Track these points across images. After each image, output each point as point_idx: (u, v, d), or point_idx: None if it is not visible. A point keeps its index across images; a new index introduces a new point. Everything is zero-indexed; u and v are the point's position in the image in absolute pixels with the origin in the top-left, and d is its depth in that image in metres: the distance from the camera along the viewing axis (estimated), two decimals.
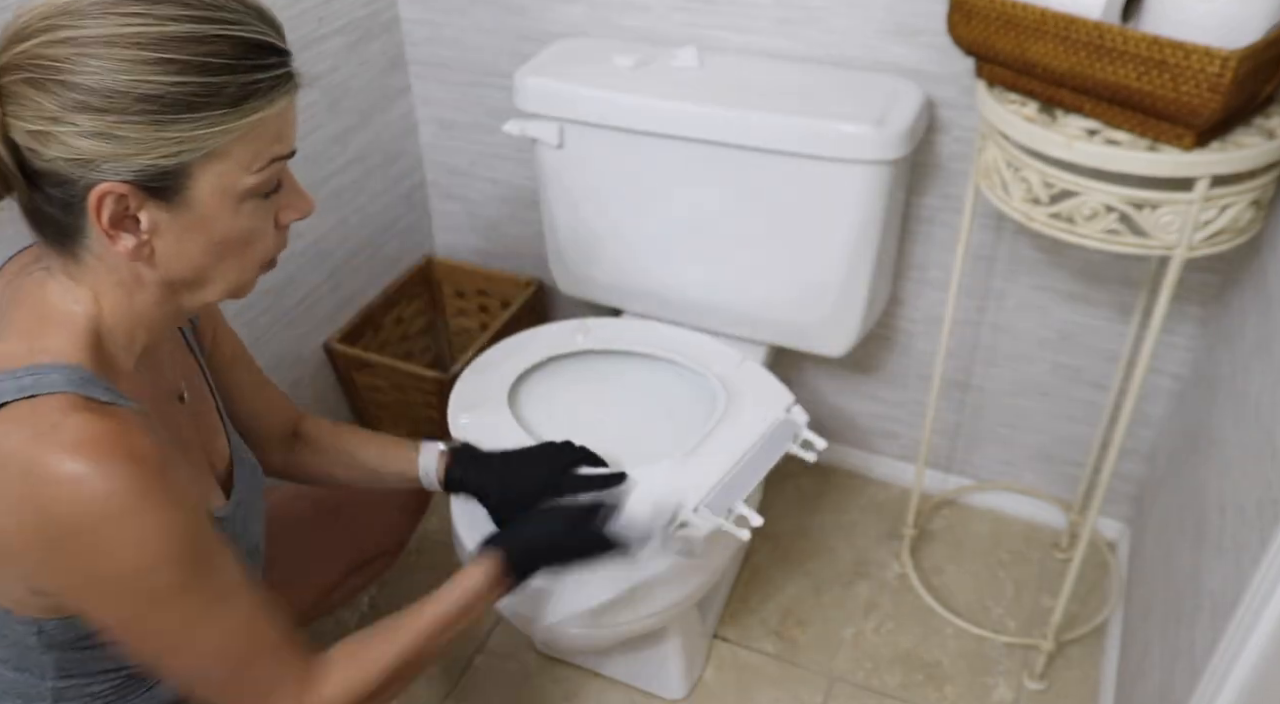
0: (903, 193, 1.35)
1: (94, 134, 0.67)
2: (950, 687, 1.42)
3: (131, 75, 0.67)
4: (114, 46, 0.67)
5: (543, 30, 1.51)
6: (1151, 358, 1.12)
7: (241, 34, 0.70)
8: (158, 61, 0.67)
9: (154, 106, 0.67)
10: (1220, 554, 0.96)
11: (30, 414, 0.70)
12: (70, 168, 0.68)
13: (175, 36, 0.68)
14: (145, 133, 0.68)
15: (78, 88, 0.66)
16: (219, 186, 0.73)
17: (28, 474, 0.68)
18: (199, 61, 0.68)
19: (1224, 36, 0.92)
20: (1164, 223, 1.01)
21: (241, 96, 0.70)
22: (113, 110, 0.67)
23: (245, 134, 0.72)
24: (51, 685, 0.82)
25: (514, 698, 1.43)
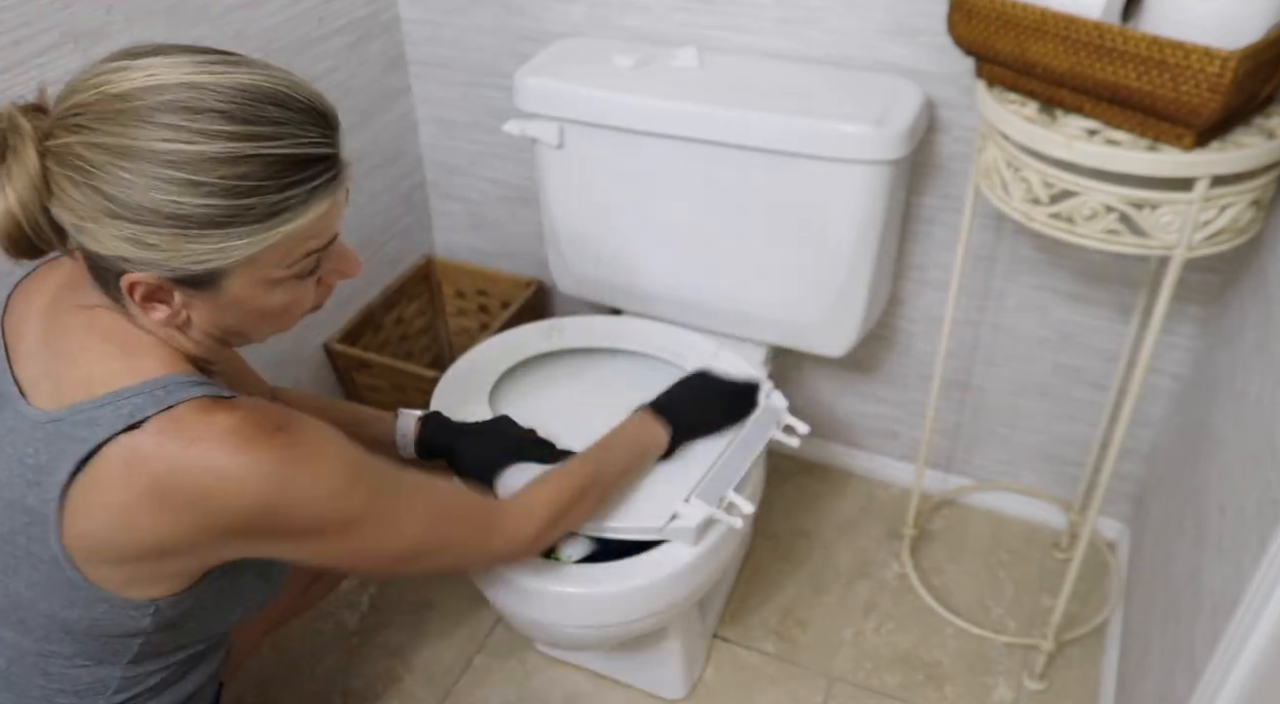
0: (903, 193, 1.35)
1: (124, 238, 0.70)
2: (950, 687, 1.42)
3: (161, 194, 0.69)
4: (147, 162, 0.68)
5: (543, 30, 1.51)
6: (1151, 358, 1.13)
7: (279, 151, 0.71)
8: (188, 183, 0.69)
9: (182, 224, 0.70)
10: (1220, 554, 0.96)
11: (176, 424, 0.75)
12: (105, 256, 0.72)
13: (208, 157, 0.69)
14: (173, 243, 0.71)
15: (110, 197, 0.69)
16: (250, 280, 0.76)
17: (201, 475, 0.73)
18: (228, 185, 0.70)
19: (1224, 36, 0.92)
20: (1164, 223, 1.01)
21: (270, 214, 0.72)
22: (142, 222, 0.70)
23: (277, 243, 0.74)
24: (120, 675, 0.86)
25: (514, 698, 1.43)
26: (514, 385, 1.34)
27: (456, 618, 1.53)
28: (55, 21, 1.10)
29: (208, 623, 0.88)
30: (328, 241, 0.79)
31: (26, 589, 0.80)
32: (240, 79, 0.71)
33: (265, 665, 1.47)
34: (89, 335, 0.78)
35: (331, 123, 0.75)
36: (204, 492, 0.74)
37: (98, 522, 0.75)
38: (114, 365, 0.77)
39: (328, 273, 0.82)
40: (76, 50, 1.13)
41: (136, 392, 0.75)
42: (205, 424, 0.74)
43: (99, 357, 0.78)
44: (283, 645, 1.49)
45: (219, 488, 0.74)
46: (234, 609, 0.90)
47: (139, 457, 0.73)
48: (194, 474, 0.73)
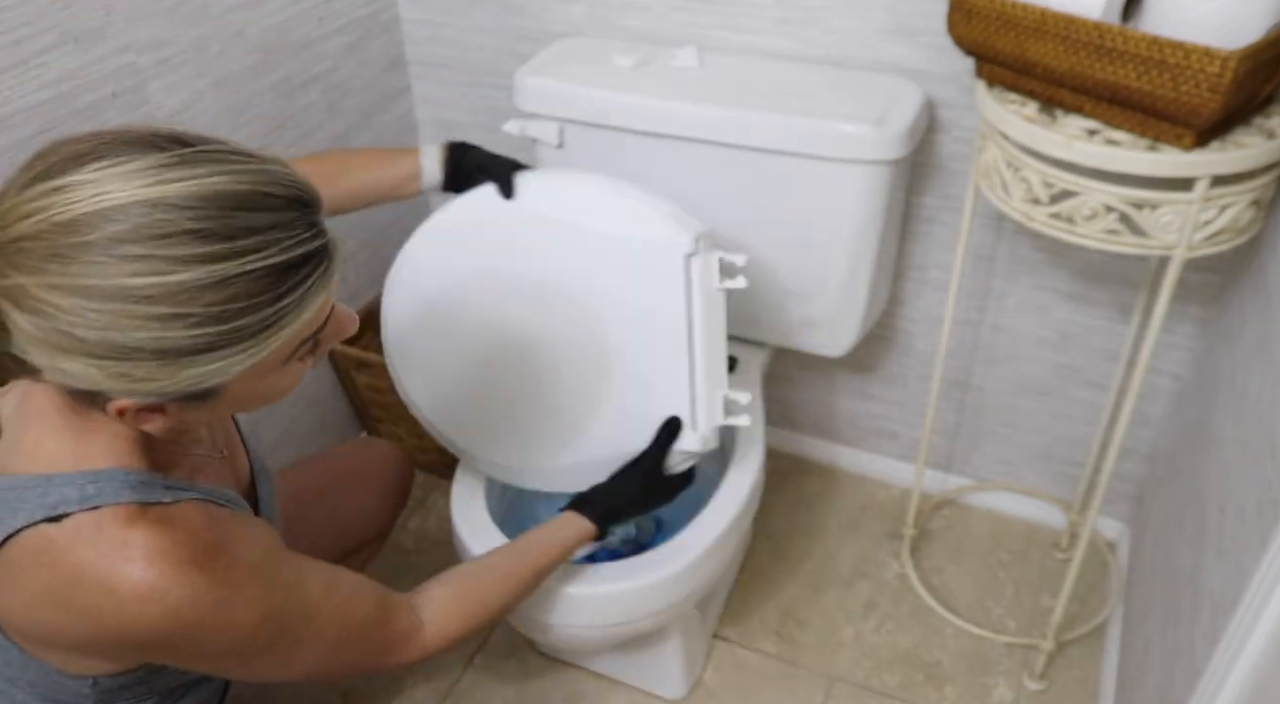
0: (903, 193, 1.35)
1: (109, 376, 0.63)
2: (950, 687, 1.42)
3: (144, 332, 0.61)
4: (120, 301, 0.59)
5: (543, 30, 1.51)
6: (1151, 358, 1.12)
7: (266, 263, 0.62)
8: (172, 317, 0.60)
9: (171, 356, 0.62)
10: (1220, 554, 0.96)
11: (95, 530, 0.69)
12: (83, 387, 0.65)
13: (187, 286, 0.60)
14: (164, 372, 0.63)
15: (84, 341, 0.60)
16: (252, 381, 0.69)
17: (105, 594, 0.69)
18: (216, 311, 0.61)
19: (1224, 36, 0.92)
20: (1164, 223, 1.01)
21: (268, 324, 0.65)
22: (129, 359, 0.62)
23: (277, 346, 0.67)
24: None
25: (514, 698, 1.43)
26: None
27: None
28: (55, 21, 1.10)
29: (170, 678, 0.85)
30: (324, 323, 0.72)
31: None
32: (205, 187, 0.61)
33: None
34: (53, 403, 0.72)
35: (314, 208, 0.67)
36: (104, 610, 0.69)
37: (12, 601, 0.72)
38: (62, 444, 0.72)
39: (324, 341, 0.75)
40: (76, 50, 1.13)
41: (69, 482, 0.70)
42: (121, 540, 0.69)
43: (50, 430, 0.72)
44: None
45: (117, 610, 0.69)
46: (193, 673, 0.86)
47: (51, 554, 0.69)
48: (96, 590, 0.69)
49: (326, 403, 1.70)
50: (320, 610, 0.83)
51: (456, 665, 1.47)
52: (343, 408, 1.75)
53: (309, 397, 1.65)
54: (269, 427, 1.57)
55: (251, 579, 0.75)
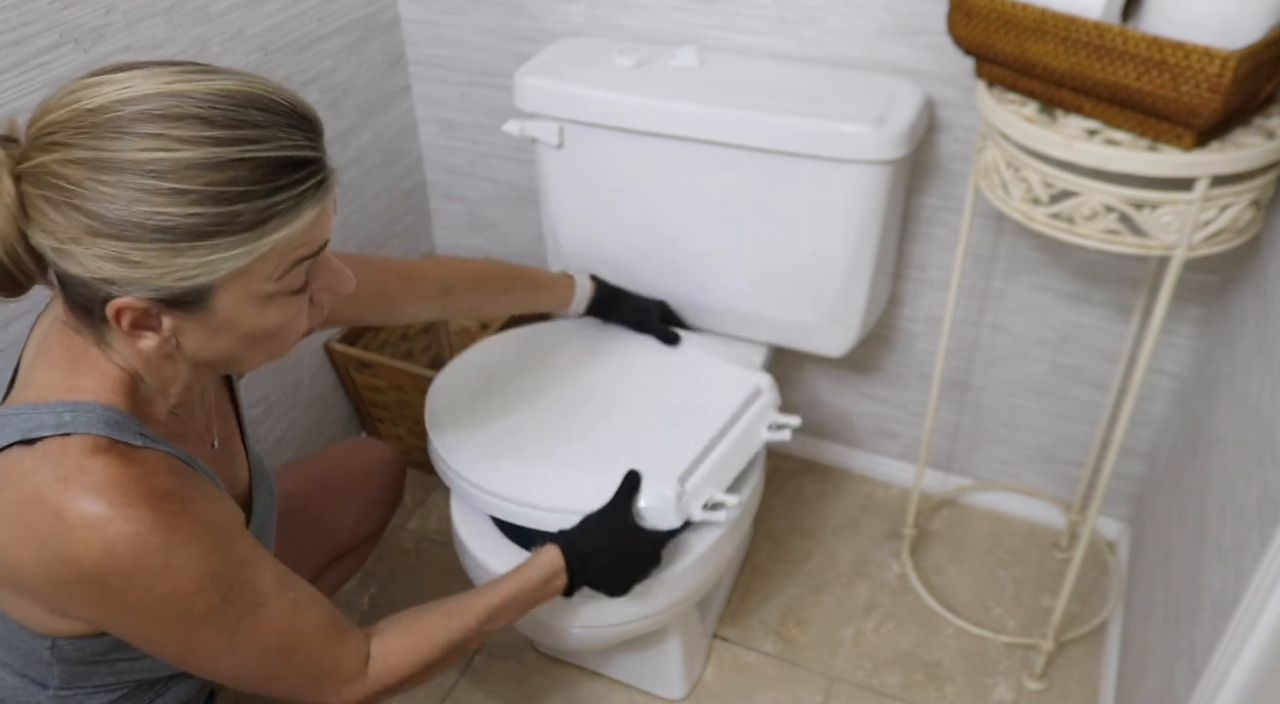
0: (903, 193, 1.35)
1: (107, 258, 0.67)
2: (950, 687, 1.42)
3: (145, 205, 0.65)
4: (127, 173, 0.65)
5: (543, 30, 1.51)
6: (1151, 358, 1.13)
7: (265, 154, 0.68)
8: (172, 192, 0.65)
9: (167, 236, 0.66)
10: (1220, 554, 0.96)
11: (59, 453, 0.71)
12: (89, 280, 0.69)
13: (192, 164, 0.65)
14: (160, 259, 0.67)
15: (91, 214, 0.65)
16: (241, 296, 0.72)
17: (56, 515, 0.69)
18: (216, 191, 0.66)
19: (1224, 36, 0.92)
20: (1164, 223, 1.01)
21: (259, 220, 0.68)
22: (126, 238, 0.66)
23: (266, 252, 0.70)
24: (52, 695, 0.83)
25: (514, 698, 1.43)
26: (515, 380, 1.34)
27: None
28: (55, 22, 1.10)
29: (138, 668, 0.84)
30: (317, 249, 0.75)
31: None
32: (219, 85, 0.68)
33: None
34: (58, 346, 0.77)
35: (316, 127, 0.73)
36: (50, 533, 0.70)
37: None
38: (57, 377, 0.75)
39: (318, 291, 0.79)
40: (76, 50, 1.13)
41: (50, 410, 0.73)
42: (79, 465, 0.70)
43: (51, 365, 0.76)
44: None
45: (62, 535, 0.69)
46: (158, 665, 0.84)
47: (17, 474, 0.71)
48: (46, 510, 0.70)
49: (327, 403, 1.70)
50: (268, 601, 0.80)
51: (456, 666, 1.47)
52: (343, 408, 1.75)
53: (309, 396, 1.65)
54: (269, 426, 1.57)
55: (201, 534, 0.74)
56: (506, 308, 1.28)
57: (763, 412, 1.25)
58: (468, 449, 1.18)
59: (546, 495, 1.12)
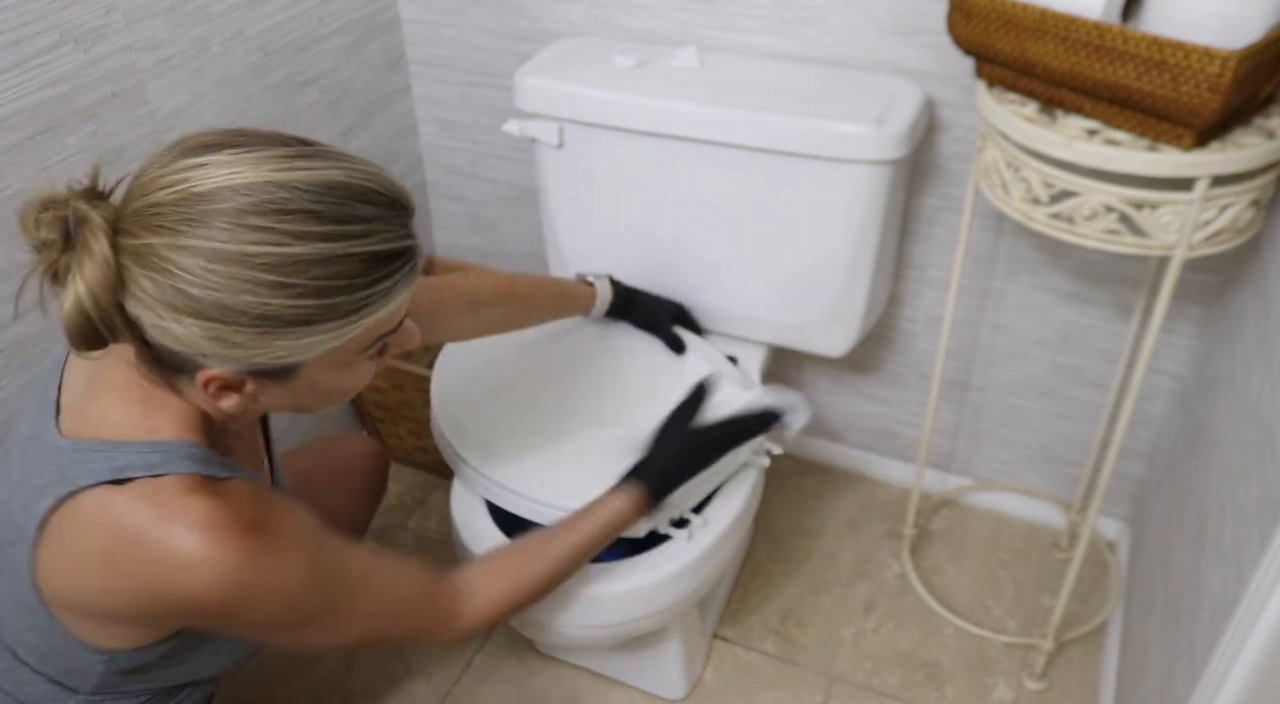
0: (903, 193, 1.35)
1: (208, 337, 0.69)
2: (950, 687, 1.42)
3: (251, 296, 0.67)
4: (237, 265, 0.67)
5: (543, 30, 1.51)
6: (1151, 358, 1.13)
7: (369, 249, 0.70)
8: (279, 284, 0.67)
9: (269, 323, 0.69)
10: (1220, 554, 0.96)
11: (155, 493, 0.74)
12: (181, 351, 0.70)
13: (300, 259, 0.68)
14: (258, 342, 0.70)
15: (196, 299, 0.67)
16: (327, 367, 0.76)
17: (159, 556, 0.73)
18: (319, 285, 0.68)
19: (1224, 36, 0.92)
20: (1164, 223, 1.01)
21: (356, 308, 0.71)
22: (228, 322, 0.68)
23: (360, 334, 0.74)
24: (81, 699, 0.85)
25: (514, 698, 1.43)
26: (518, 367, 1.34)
27: None
28: (55, 22, 1.09)
29: (172, 675, 0.88)
30: (399, 325, 0.78)
31: (4, 596, 0.81)
32: (326, 176, 0.70)
33: (265, 665, 1.47)
34: (125, 376, 0.77)
35: (411, 213, 0.75)
36: (155, 571, 0.73)
37: (59, 563, 0.75)
38: (130, 415, 0.77)
39: (388, 347, 0.82)
40: (76, 50, 1.12)
41: (136, 449, 0.75)
42: (180, 505, 0.73)
43: (120, 401, 0.77)
44: None
45: (170, 573, 0.73)
46: (202, 667, 0.89)
47: (109, 515, 0.73)
48: (151, 551, 0.72)
49: None
50: (365, 583, 0.86)
51: (456, 665, 1.47)
52: (343, 408, 1.75)
53: None
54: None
55: (299, 546, 0.79)
56: (534, 319, 1.28)
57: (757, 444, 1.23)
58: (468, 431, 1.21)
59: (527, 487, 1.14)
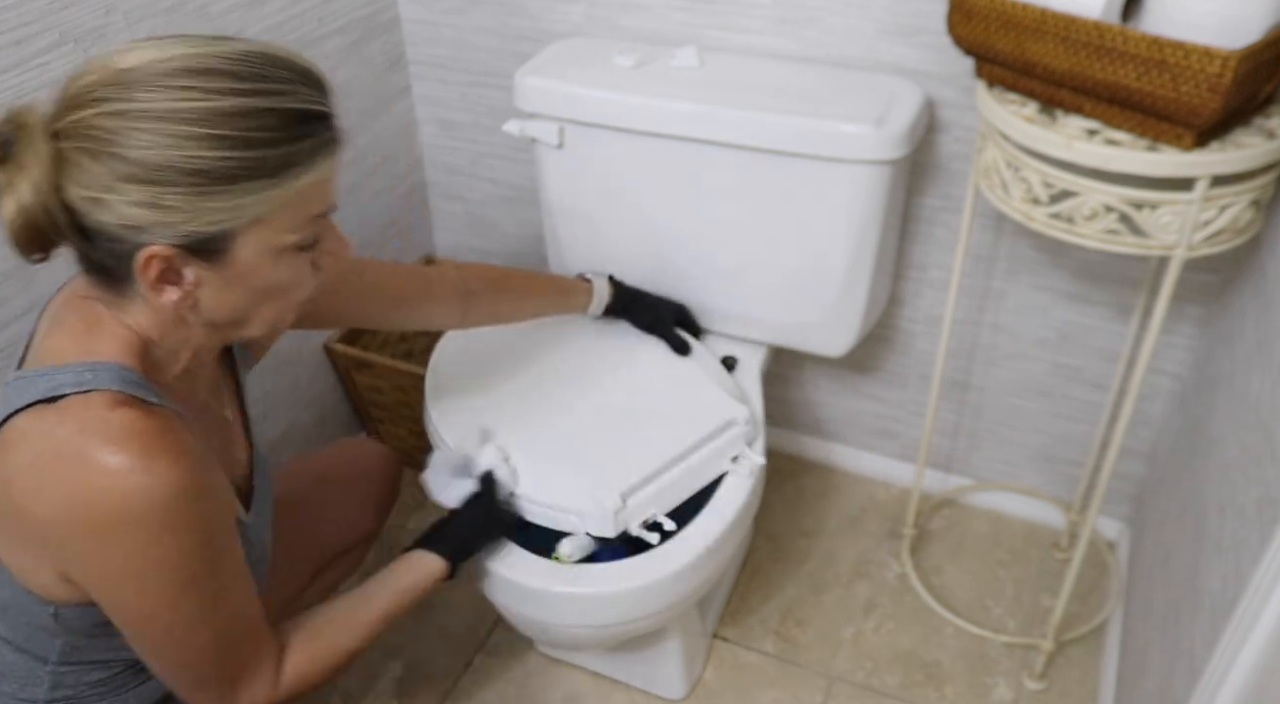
0: (903, 193, 1.35)
1: (142, 203, 0.70)
2: (950, 686, 1.42)
3: (180, 150, 0.70)
4: (165, 121, 0.69)
5: (543, 30, 1.51)
6: (1151, 358, 1.13)
7: (289, 105, 0.74)
8: (206, 137, 0.70)
9: (200, 179, 0.71)
10: (1220, 554, 0.96)
11: (82, 408, 0.75)
12: (119, 230, 0.72)
13: (224, 112, 0.71)
14: (191, 203, 0.71)
15: (129, 161, 0.69)
16: (260, 247, 0.77)
17: (77, 464, 0.73)
18: (245, 136, 0.71)
19: (1224, 36, 0.92)
20: (1164, 223, 1.01)
21: (284, 166, 0.74)
22: (160, 182, 0.70)
23: (289, 200, 0.75)
24: (51, 670, 0.85)
25: (514, 698, 1.43)
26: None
27: (456, 618, 1.53)
28: (55, 22, 1.10)
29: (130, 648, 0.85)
30: (328, 209, 0.80)
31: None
32: (243, 47, 0.74)
33: None
34: (73, 315, 0.80)
35: (329, 90, 0.78)
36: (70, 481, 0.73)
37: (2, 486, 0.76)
38: (73, 342, 0.78)
39: (321, 254, 0.83)
40: (76, 50, 1.13)
41: (71, 370, 0.76)
42: (102, 419, 0.74)
43: (67, 332, 0.79)
44: None
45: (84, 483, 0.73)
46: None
47: (38, 430, 0.75)
48: (69, 460, 0.73)
49: (326, 402, 1.70)
50: (237, 584, 0.84)
51: (456, 665, 1.47)
52: (343, 408, 1.75)
53: (309, 396, 1.65)
54: (269, 426, 1.57)
55: (207, 498, 0.78)
56: (527, 313, 1.29)
57: (729, 444, 1.21)
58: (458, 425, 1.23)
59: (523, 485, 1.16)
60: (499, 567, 1.12)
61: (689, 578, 1.15)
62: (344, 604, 0.99)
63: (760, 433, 1.28)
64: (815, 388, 1.70)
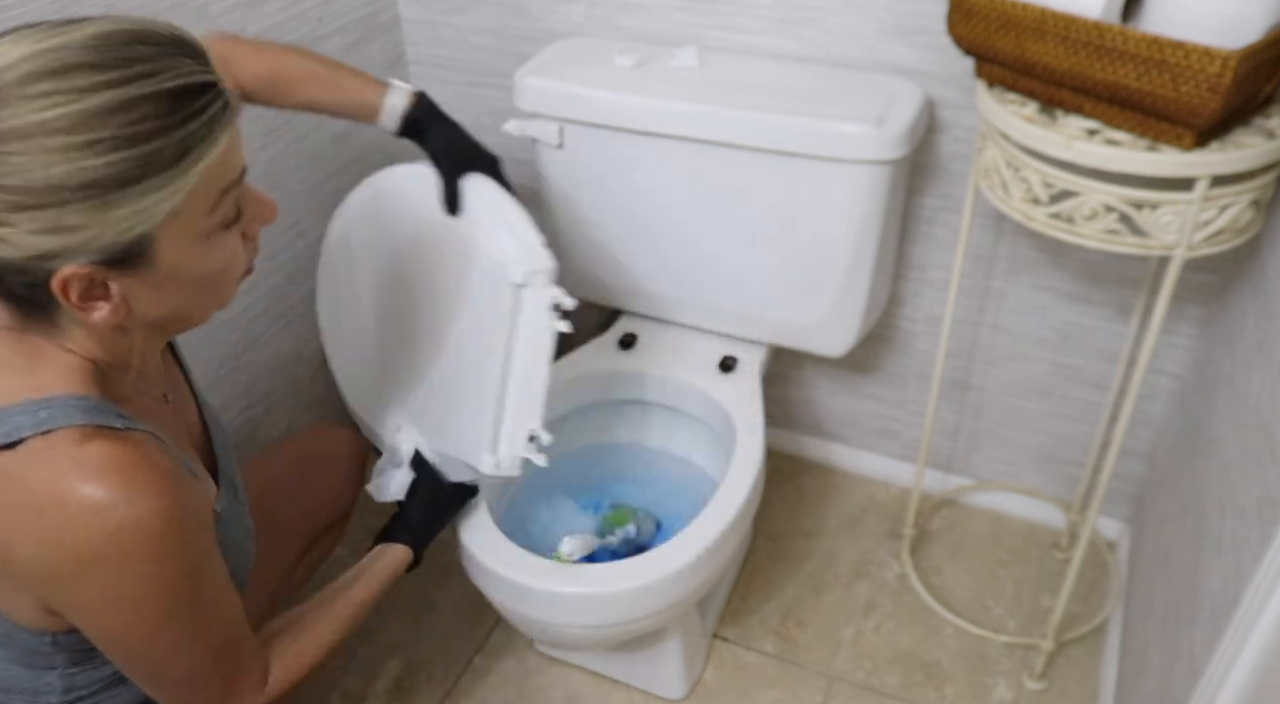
0: (903, 193, 1.35)
1: (42, 230, 0.64)
2: (950, 686, 1.42)
3: (63, 166, 0.63)
4: (35, 137, 0.62)
5: (543, 30, 1.51)
6: (1151, 358, 1.13)
7: (165, 86, 0.66)
8: (85, 144, 0.63)
9: (95, 191, 0.64)
10: (1220, 554, 0.96)
11: (46, 451, 0.70)
12: (27, 263, 0.66)
13: (96, 111, 0.63)
14: (94, 217, 0.65)
15: (11, 189, 0.63)
16: (183, 240, 0.71)
17: (57, 508, 0.70)
18: (129, 133, 0.64)
19: (1224, 36, 0.92)
20: (1164, 223, 1.01)
21: (180, 154, 0.67)
22: (53, 204, 0.64)
23: (195, 186, 0.69)
24: (60, 674, 0.84)
25: (513, 698, 1.43)
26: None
27: (456, 618, 1.53)
28: None
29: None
30: (239, 176, 0.74)
31: None
32: (93, 29, 0.66)
33: None
34: (6, 351, 0.74)
35: (202, 53, 0.70)
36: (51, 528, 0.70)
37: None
38: (13, 380, 0.73)
39: (249, 223, 0.78)
40: None
41: (21, 410, 0.71)
42: (71, 458, 0.70)
43: (6, 371, 0.74)
44: None
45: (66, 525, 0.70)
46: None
47: (6, 480, 0.71)
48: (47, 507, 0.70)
49: (326, 403, 1.70)
50: (224, 596, 0.82)
51: (457, 665, 1.47)
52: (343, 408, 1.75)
53: (309, 397, 1.65)
54: (269, 426, 1.57)
55: (189, 521, 0.75)
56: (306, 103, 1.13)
57: (536, 306, 1.12)
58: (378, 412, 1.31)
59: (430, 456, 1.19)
60: (499, 566, 1.12)
61: (689, 578, 1.15)
62: (321, 600, 1.00)
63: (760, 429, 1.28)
64: (815, 388, 1.70)
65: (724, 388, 1.38)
